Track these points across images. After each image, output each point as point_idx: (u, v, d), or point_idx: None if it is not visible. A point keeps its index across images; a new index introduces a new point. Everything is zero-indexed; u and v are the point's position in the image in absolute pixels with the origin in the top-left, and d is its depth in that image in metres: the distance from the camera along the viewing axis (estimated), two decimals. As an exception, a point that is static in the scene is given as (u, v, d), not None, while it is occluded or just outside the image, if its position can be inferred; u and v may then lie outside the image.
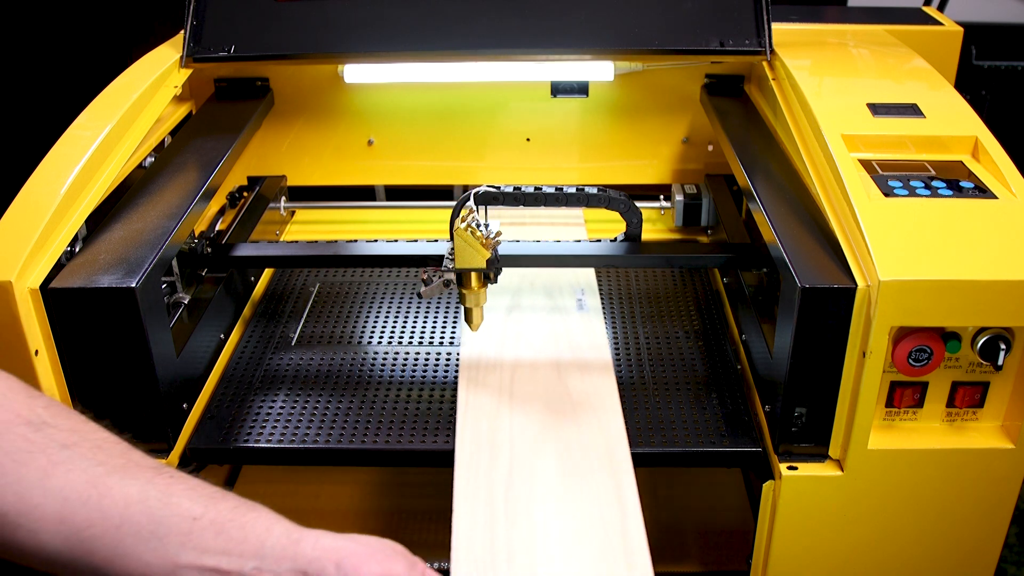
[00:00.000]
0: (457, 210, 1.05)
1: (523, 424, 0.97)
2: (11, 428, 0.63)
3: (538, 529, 0.84)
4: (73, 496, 0.63)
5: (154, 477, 0.66)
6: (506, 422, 0.97)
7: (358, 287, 1.30)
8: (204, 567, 0.65)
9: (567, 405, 1.00)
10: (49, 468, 0.63)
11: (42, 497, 0.62)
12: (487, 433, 0.96)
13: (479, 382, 1.04)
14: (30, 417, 0.64)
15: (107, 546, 0.63)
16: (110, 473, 0.65)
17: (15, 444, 0.62)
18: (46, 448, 0.63)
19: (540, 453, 0.93)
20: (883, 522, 0.94)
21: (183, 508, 0.66)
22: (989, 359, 0.86)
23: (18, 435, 0.63)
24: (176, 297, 1.08)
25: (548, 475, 0.90)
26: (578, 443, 0.94)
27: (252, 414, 1.04)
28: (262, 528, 0.67)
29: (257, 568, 0.66)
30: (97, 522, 0.63)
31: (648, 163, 1.46)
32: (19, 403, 0.65)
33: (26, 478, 0.62)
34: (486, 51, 1.24)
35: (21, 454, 0.62)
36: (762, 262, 1.08)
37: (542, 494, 0.88)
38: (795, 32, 1.36)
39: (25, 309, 0.86)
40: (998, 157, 0.96)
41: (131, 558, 0.64)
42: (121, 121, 1.07)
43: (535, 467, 0.91)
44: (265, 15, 1.25)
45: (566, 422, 0.97)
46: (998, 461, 0.90)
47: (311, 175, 1.47)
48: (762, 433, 0.99)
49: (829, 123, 1.01)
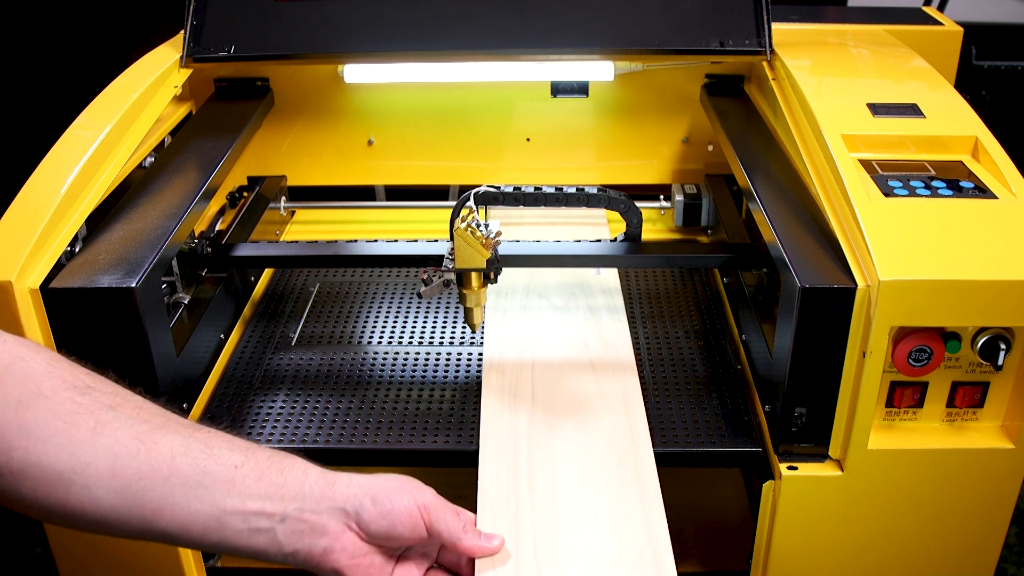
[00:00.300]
0: (457, 210, 1.05)
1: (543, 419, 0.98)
2: (59, 392, 0.66)
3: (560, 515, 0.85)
4: (122, 451, 0.66)
5: (194, 432, 0.70)
6: (525, 420, 0.98)
7: (358, 287, 1.30)
8: (249, 511, 0.69)
9: (588, 400, 1.00)
10: (98, 427, 0.66)
11: (93, 454, 0.65)
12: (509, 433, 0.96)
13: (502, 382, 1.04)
14: (75, 383, 0.67)
15: (157, 497, 0.66)
16: (154, 430, 0.68)
17: (64, 407, 0.65)
18: (93, 410, 0.66)
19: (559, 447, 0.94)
20: (883, 522, 0.94)
21: (224, 458, 0.69)
22: (989, 359, 0.86)
23: (67, 399, 0.66)
24: (176, 297, 1.08)
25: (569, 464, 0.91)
26: (599, 437, 0.95)
27: (252, 414, 1.04)
28: (299, 472, 0.72)
29: (299, 509, 0.71)
30: (147, 474, 0.66)
31: (648, 163, 1.46)
32: (65, 370, 0.68)
33: (77, 438, 0.65)
34: (486, 51, 1.24)
35: (71, 416, 0.65)
36: (762, 262, 1.08)
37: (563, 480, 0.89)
38: (795, 32, 1.36)
39: (25, 309, 0.86)
40: (998, 157, 0.96)
41: (180, 507, 0.67)
42: (121, 121, 1.07)
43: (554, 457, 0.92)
44: (265, 15, 1.25)
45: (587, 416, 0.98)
46: (998, 461, 0.90)
47: (311, 175, 1.47)
48: (762, 433, 0.99)
49: (829, 123, 1.01)
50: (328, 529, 0.71)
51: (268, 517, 0.69)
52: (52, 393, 0.65)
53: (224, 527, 0.68)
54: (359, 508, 0.72)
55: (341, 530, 0.72)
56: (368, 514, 0.73)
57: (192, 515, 0.67)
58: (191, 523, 0.68)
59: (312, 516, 0.71)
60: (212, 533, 0.68)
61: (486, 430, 0.96)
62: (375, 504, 0.73)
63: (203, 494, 0.68)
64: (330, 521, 0.72)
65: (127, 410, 0.68)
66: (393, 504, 0.73)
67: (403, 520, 0.74)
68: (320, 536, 0.71)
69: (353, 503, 0.72)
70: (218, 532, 0.68)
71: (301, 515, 0.71)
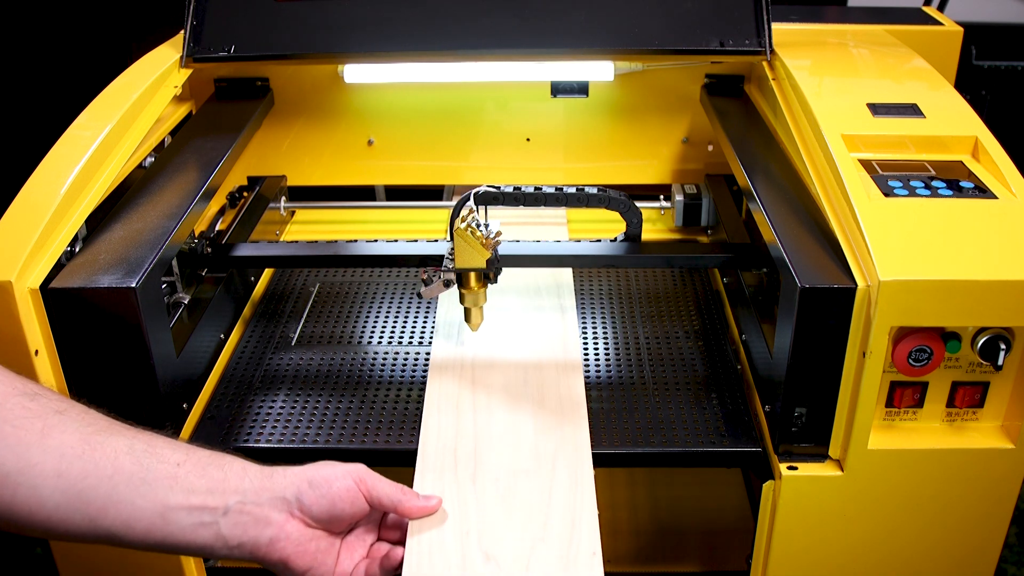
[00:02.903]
0: (457, 210, 1.05)
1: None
2: (9, 398, 0.68)
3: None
4: (68, 452, 0.68)
5: (137, 434, 0.72)
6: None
7: (358, 287, 1.30)
8: (192, 506, 0.71)
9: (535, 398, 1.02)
10: (46, 430, 0.67)
11: (41, 455, 0.66)
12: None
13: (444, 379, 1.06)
14: (24, 390, 0.69)
15: (101, 495, 0.68)
16: (99, 431, 0.70)
17: (14, 412, 0.67)
18: (42, 414, 0.68)
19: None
20: (883, 522, 0.94)
21: (167, 456, 0.72)
22: (989, 359, 0.86)
23: (16, 404, 0.68)
24: (176, 297, 1.08)
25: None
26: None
27: (252, 414, 1.04)
28: (239, 468, 0.75)
29: (240, 502, 0.73)
30: (91, 473, 0.68)
31: (648, 163, 1.46)
32: (13, 378, 0.70)
33: (25, 440, 0.66)
34: (486, 51, 1.24)
35: (20, 420, 0.67)
36: (762, 262, 1.08)
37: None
38: (795, 32, 1.36)
39: (25, 309, 0.86)
40: (998, 157, 0.96)
41: (124, 504, 0.69)
42: (121, 121, 1.07)
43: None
44: (265, 15, 1.25)
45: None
46: (998, 461, 0.90)
47: (311, 175, 1.47)
48: (762, 433, 0.99)
49: (829, 123, 1.01)
50: (272, 519, 0.73)
51: (211, 511, 0.71)
52: (2, 399, 0.67)
53: (168, 523, 0.70)
54: (299, 494, 0.75)
55: (285, 519, 0.74)
56: (308, 498, 0.75)
57: (136, 511, 0.69)
58: (135, 520, 0.69)
59: (254, 508, 0.73)
60: (156, 530, 0.70)
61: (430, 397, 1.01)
62: (313, 487, 0.75)
63: (146, 491, 0.69)
64: (272, 511, 0.74)
65: (73, 414, 0.70)
66: (331, 485, 0.76)
67: (342, 496, 0.76)
68: (265, 527, 0.73)
69: (292, 490, 0.75)
70: (162, 529, 0.70)
71: (243, 507, 0.72)
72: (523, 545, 0.82)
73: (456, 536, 0.83)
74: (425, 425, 0.97)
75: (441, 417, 0.98)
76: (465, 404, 1.00)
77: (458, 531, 0.83)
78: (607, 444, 0.98)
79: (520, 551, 0.81)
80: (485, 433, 0.95)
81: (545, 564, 0.80)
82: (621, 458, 0.98)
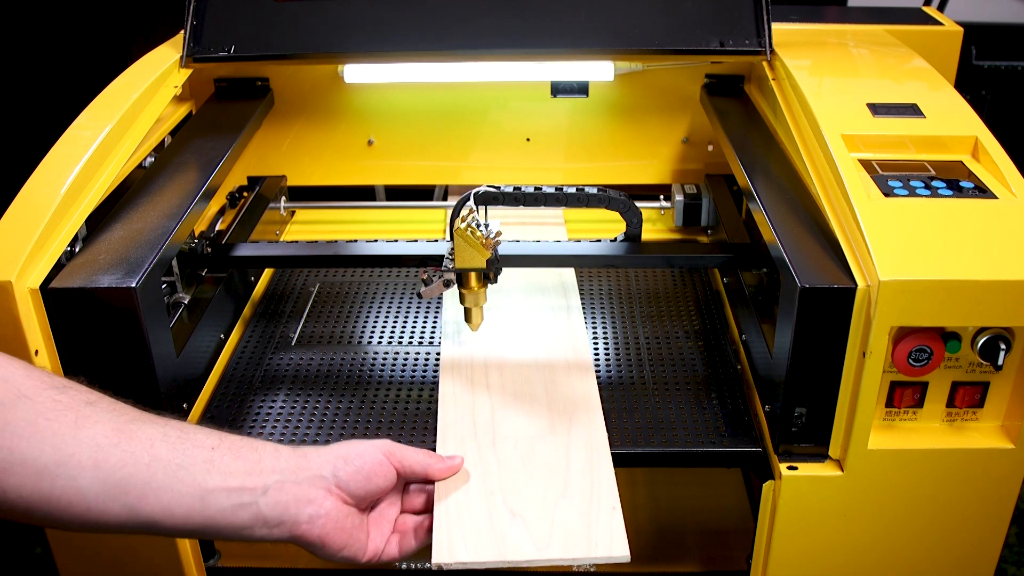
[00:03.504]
0: (457, 210, 1.05)
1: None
2: (40, 392, 0.68)
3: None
4: (104, 441, 0.68)
5: (169, 421, 0.73)
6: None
7: (358, 287, 1.30)
8: (231, 487, 0.71)
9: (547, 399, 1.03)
10: (79, 421, 0.68)
11: (76, 446, 0.67)
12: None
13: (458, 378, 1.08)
14: (53, 383, 0.70)
15: (140, 482, 0.68)
16: (132, 421, 0.71)
17: (46, 405, 0.68)
18: (73, 406, 0.69)
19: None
20: (883, 522, 0.94)
21: (201, 441, 0.72)
22: (989, 359, 0.86)
23: (47, 398, 0.68)
24: (176, 297, 1.08)
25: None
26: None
27: (252, 414, 1.04)
28: (271, 450, 0.76)
29: (279, 481, 0.74)
30: (128, 461, 0.68)
31: (648, 163, 1.46)
32: (42, 373, 0.71)
33: (59, 432, 0.67)
34: (486, 51, 1.24)
35: (52, 412, 0.67)
36: (762, 262, 1.08)
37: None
38: (795, 32, 1.36)
39: (25, 309, 0.86)
40: (998, 157, 0.96)
41: (163, 490, 0.69)
42: (121, 121, 1.07)
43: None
44: (265, 15, 1.25)
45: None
46: (998, 461, 0.90)
47: (311, 175, 1.47)
48: (762, 433, 0.99)
49: (829, 123, 1.01)
50: (312, 497, 0.74)
51: (250, 491, 0.72)
52: (33, 394, 0.68)
53: (208, 506, 0.70)
54: (335, 471, 0.76)
55: (324, 496, 0.75)
56: (345, 473, 0.76)
57: (176, 497, 0.69)
58: (175, 505, 0.69)
59: (294, 487, 0.74)
60: (196, 514, 0.70)
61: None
62: (348, 463, 0.77)
63: (184, 476, 0.70)
64: (311, 489, 0.74)
65: (104, 405, 0.71)
66: (364, 459, 0.78)
67: (376, 470, 0.78)
68: (305, 504, 0.74)
69: (329, 468, 0.76)
70: (202, 512, 0.70)
71: (283, 486, 0.73)
72: (546, 502, 0.86)
73: (482, 496, 0.87)
74: (442, 401, 1.01)
75: (457, 398, 1.02)
76: (479, 382, 1.04)
77: (483, 491, 0.87)
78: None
79: (544, 508, 0.85)
80: (500, 404, 1.00)
81: (568, 519, 0.84)
82: (621, 458, 0.97)
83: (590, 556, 0.81)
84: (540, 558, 0.81)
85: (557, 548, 0.81)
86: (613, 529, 0.83)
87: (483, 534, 0.83)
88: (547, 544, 0.82)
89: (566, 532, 0.83)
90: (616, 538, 0.82)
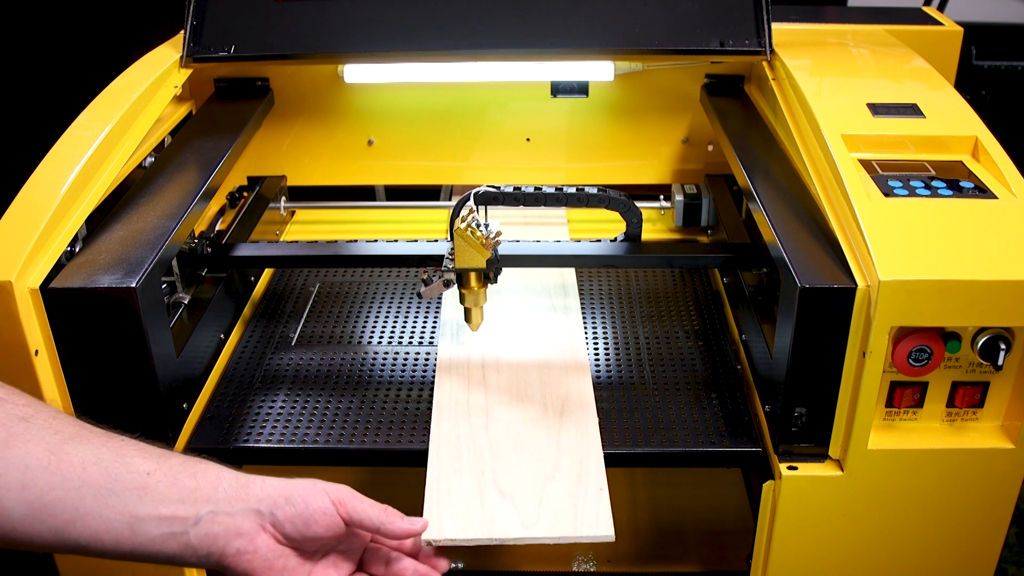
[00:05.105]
0: (457, 210, 1.05)
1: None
2: None
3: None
4: (33, 463, 0.66)
5: (107, 441, 0.70)
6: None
7: (358, 287, 1.30)
8: (162, 516, 0.69)
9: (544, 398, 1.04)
10: (9, 439, 0.65)
11: (4, 466, 0.65)
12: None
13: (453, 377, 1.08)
14: None
15: (68, 507, 0.66)
16: (66, 440, 0.68)
17: None
18: (5, 422, 0.66)
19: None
20: (883, 522, 0.94)
21: (136, 465, 0.69)
22: (989, 359, 0.86)
23: None
24: (176, 297, 1.08)
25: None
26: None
27: (252, 414, 1.04)
28: (212, 476, 0.72)
29: (212, 512, 0.70)
30: (57, 485, 0.66)
31: (648, 163, 1.46)
32: None
33: None
34: (486, 51, 1.24)
35: None
36: (762, 262, 1.08)
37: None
38: (795, 32, 1.36)
39: (25, 309, 0.86)
40: (998, 157, 0.96)
41: (91, 516, 0.67)
42: (121, 121, 1.07)
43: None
44: (265, 15, 1.25)
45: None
46: (998, 461, 0.90)
47: (311, 175, 1.47)
48: (762, 433, 0.99)
49: (829, 123, 1.01)
50: (242, 530, 0.71)
51: (181, 521, 0.69)
52: None
53: (136, 534, 0.68)
54: (273, 508, 0.72)
55: (255, 531, 0.72)
56: (283, 513, 0.72)
57: (104, 523, 0.67)
58: (103, 531, 0.67)
59: (226, 518, 0.71)
60: (125, 541, 0.68)
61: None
62: (290, 504, 0.73)
63: (115, 502, 0.67)
64: (244, 522, 0.71)
65: (40, 421, 0.68)
66: (308, 504, 0.73)
67: (318, 519, 0.73)
68: (234, 538, 0.71)
69: (267, 504, 0.72)
70: (131, 540, 0.68)
71: (215, 517, 0.70)
72: (535, 483, 0.88)
73: (473, 476, 0.88)
74: (438, 390, 1.04)
75: (454, 388, 1.04)
76: (476, 379, 1.06)
77: (474, 471, 0.89)
78: (607, 444, 0.97)
79: (532, 488, 0.87)
80: (496, 394, 1.03)
81: (556, 499, 0.86)
82: (621, 458, 0.98)
83: (576, 535, 0.83)
84: (527, 536, 0.83)
85: (544, 527, 0.83)
86: (599, 509, 0.85)
87: (472, 512, 0.84)
88: (535, 523, 0.83)
89: (553, 512, 0.85)
90: (602, 518, 0.84)
